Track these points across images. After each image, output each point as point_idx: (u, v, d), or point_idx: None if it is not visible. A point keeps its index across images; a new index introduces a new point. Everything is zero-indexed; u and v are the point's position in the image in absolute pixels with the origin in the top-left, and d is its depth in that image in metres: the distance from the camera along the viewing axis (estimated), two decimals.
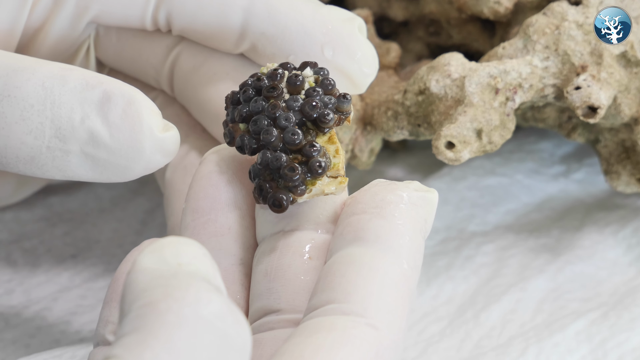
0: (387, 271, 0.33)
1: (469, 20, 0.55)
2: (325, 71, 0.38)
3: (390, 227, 0.34)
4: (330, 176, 0.36)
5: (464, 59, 0.47)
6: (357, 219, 0.35)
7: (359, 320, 0.31)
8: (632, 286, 0.50)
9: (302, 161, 0.36)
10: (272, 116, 0.36)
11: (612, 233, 0.53)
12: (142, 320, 0.26)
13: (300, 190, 0.35)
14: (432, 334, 0.48)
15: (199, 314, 0.27)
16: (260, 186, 0.36)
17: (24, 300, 0.51)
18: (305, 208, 0.37)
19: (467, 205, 0.56)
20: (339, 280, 0.33)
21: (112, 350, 0.26)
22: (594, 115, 0.46)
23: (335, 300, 0.32)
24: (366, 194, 0.36)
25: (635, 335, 0.47)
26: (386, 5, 0.57)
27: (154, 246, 0.29)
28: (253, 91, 0.37)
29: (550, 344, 0.46)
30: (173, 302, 0.27)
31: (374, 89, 0.51)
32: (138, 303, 0.27)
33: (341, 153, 0.36)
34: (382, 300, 0.32)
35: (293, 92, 0.37)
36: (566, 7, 0.48)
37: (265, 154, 0.36)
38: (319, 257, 0.36)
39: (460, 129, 0.45)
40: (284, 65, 0.38)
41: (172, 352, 0.26)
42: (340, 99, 0.37)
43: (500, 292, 0.50)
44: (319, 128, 0.36)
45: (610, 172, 0.52)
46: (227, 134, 0.37)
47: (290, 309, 0.34)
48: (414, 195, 0.36)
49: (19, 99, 0.37)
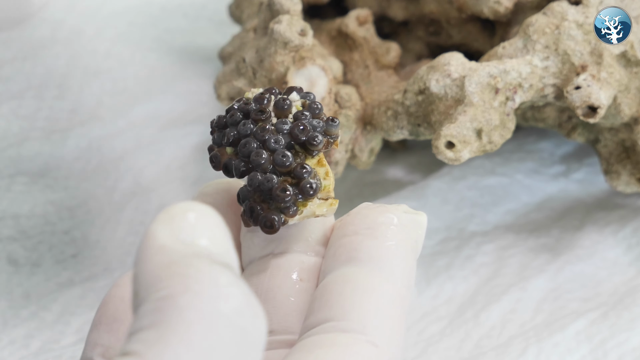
0: (382, 289, 0.33)
1: (469, 20, 0.55)
2: (312, 96, 0.38)
3: (382, 247, 0.35)
4: (320, 198, 0.36)
5: (464, 58, 0.47)
6: (349, 240, 0.35)
7: (359, 337, 0.32)
8: (632, 286, 0.50)
9: (293, 183, 0.36)
10: (261, 139, 0.36)
11: (612, 233, 0.53)
12: (161, 315, 0.26)
13: (292, 211, 0.35)
14: (432, 334, 0.48)
15: (219, 311, 0.27)
16: (251, 208, 0.36)
17: (24, 300, 0.51)
18: (294, 231, 0.37)
19: (467, 205, 0.56)
20: (335, 299, 0.33)
21: (129, 344, 0.26)
22: (594, 115, 0.46)
23: (334, 318, 0.32)
24: (356, 216, 0.36)
25: (635, 335, 0.47)
26: (386, 5, 0.57)
27: (167, 216, 0.28)
28: (241, 114, 0.37)
29: (550, 344, 0.47)
30: (193, 297, 0.26)
31: (374, 89, 0.51)
32: (156, 294, 0.27)
33: (331, 175, 0.36)
34: (379, 317, 0.32)
35: (280, 116, 0.37)
36: (566, 6, 0.48)
37: (255, 176, 0.36)
38: (310, 280, 0.36)
39: (460, 129, 0.45)
40: (270, 90, 0.38)
41: (191, 349, 0.26)
42: (329, 122, 0.37)
43: (500, 292, 0.50)
44: (307, 151, 0.36)
45: (610, 172, 0.52)
46: (213, 158, 0.37)
47: (282, 330, 0.35)
48: (404, 217, 0.36)
49: None
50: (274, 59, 0.48)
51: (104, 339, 0.34)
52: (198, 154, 0.60)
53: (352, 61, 0.53)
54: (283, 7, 0.47)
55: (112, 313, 0.34)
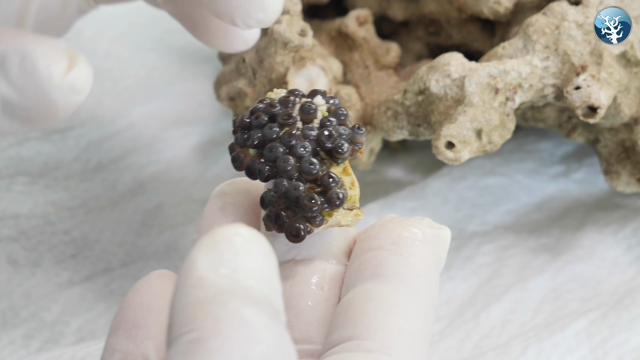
0: (407, 308, 0.33)
1: (469, 20, 0.55)
2: (337, 101, 0.37)
3: (407, 264, 0.34)
4: (346, 208, 0.36)
5: (463, 58, 0.47)
6: (373, 254, 0.35)
7: (384, 358, 0.32)
8: (632, 286, 0.50)
9: (319, 191, 0.35)
10: (288, 144, 0.35)
11: (612, 233, 0.53)
12: (190, 357, 0.26)
13: (318, 220, 0.35)
14: (432, 334, 0.48)
15: (248, 356, 0.26)
16: (277, 215, 0.35)
17: (24, 300, 0.51)
18: (317, 238, 0.36)
19: (467, 205, 0.56)
20: (360, 317, 0.33)
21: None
22: (593, 115, 0.46)
23: (358, 337, 0.32)
24: (381, 230, 0.36)
25: (635, 335, 0.47)
26: (386, 5, 0.57)
27: (210, 242, 0.28)
28: (266, 117, 0.36)
29: (550, 344, 0.46)
30: (223, 342, 0.26)
31: (374, 89, 0.51)
32: (188, 336, 0.27)
33: (356, 185, 0.36)
34: (404, 337, 0.32)
35: (306, 120, 0.36)
36: (566, 7, 0.48)
37: (281, 183, 0.35)
38: (332, 288, 0.36)
39: (460, 129, 0.45)
40: (293, 92, 0.37)
41: None
42: (355, 130, 0.36)
43: (500, 292, 0.50)
44: (333, 158, 0.36)
45: (610, 172, 0.52)
46: (236, 158, 0.37)
47: (303, 339, 0.34)
48: (428, 233, 0.36)
49: None
50: (274, 59, 0.48)
51: (123, 345, 0.34)
52: (198, 154, 0.60)
53: (352, 61, 0.53)
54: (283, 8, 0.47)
55: (131, 319, 0.34)
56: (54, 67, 0.36)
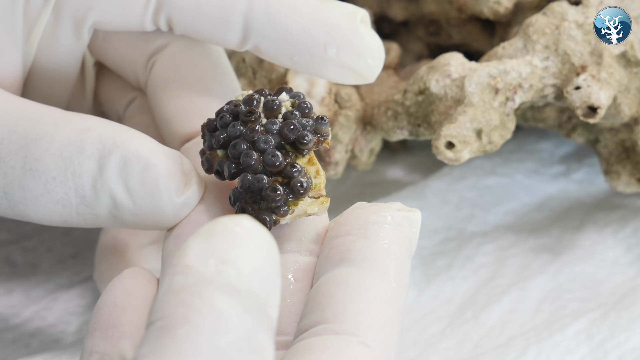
0: (375, 290, 0.33)
1: (469, 20, 0.55)
2: (302, 95, 0.38)
3: (375, 246, 0.34)
4: (312, 197, 0.36)
5: (463, 59, 0.47)
6: (341, 240, 0.35)
7: (351, 339, 0.31)
8: (632, 286, 0.50)
9: (284, 182, 0.35)
10: (251, 140, 0.36)
11: (612, 233, 0.53)
12: (158, 343, 0.26)
13: (283, 211, 0.35)
14: (432, 334, 0.48)
15: (214, 344, 0.26)
16: (242, 209, 0.36)
17: (24, 300, 0.51)
18: (287, 230, 0.37)
19: (467, 205, 0.56)
20: (327, 301, 0.33)
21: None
22: (594, 115, 0.46)
23: (326, 321, 0.32)
24: (349, 216, 0.36)
25: (635, 335, 0.47)
26: (386, 5, 0.57)
27: (207, 231, 0.28)
28: (230, 117, 0.37)
29: (550, 344, 0.46)
30: (190, 330, 0.26)
31: (374, 89, 0.51)
32: (160, 322, 0.27)
33: (321, 174, 0.36)
34: (372, 318, 0.32)
35: (270, 117, 0.37)
36: (566, 7, 0.48)
37: (245, 177, 0.35)
38: (304, 280, 0.36)
39: (460, 129, 0.45)
40: (259, 91, 0.38)
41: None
42: (319, 120, 0.37)
43: (500, 292, 0.50)
44: (298, 150, 0.36)
45: (610, 172, 0.52)
46: (205, 162, 0.37)
47: (277, 331, 0.34)
48: (397, 215, 0.36)
49: (41, 172, 0.37)
50: None
51: (100, 346, 0.34)
52: None
53: None
54: None
55: (106, 319, 0.34)
56: (173, 185, 0.37)
